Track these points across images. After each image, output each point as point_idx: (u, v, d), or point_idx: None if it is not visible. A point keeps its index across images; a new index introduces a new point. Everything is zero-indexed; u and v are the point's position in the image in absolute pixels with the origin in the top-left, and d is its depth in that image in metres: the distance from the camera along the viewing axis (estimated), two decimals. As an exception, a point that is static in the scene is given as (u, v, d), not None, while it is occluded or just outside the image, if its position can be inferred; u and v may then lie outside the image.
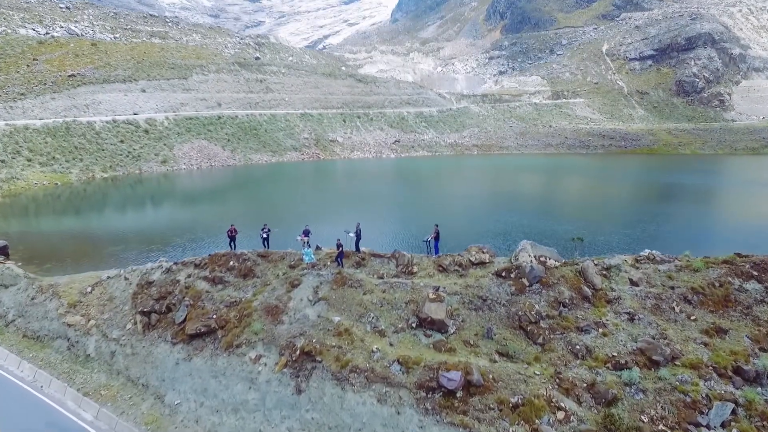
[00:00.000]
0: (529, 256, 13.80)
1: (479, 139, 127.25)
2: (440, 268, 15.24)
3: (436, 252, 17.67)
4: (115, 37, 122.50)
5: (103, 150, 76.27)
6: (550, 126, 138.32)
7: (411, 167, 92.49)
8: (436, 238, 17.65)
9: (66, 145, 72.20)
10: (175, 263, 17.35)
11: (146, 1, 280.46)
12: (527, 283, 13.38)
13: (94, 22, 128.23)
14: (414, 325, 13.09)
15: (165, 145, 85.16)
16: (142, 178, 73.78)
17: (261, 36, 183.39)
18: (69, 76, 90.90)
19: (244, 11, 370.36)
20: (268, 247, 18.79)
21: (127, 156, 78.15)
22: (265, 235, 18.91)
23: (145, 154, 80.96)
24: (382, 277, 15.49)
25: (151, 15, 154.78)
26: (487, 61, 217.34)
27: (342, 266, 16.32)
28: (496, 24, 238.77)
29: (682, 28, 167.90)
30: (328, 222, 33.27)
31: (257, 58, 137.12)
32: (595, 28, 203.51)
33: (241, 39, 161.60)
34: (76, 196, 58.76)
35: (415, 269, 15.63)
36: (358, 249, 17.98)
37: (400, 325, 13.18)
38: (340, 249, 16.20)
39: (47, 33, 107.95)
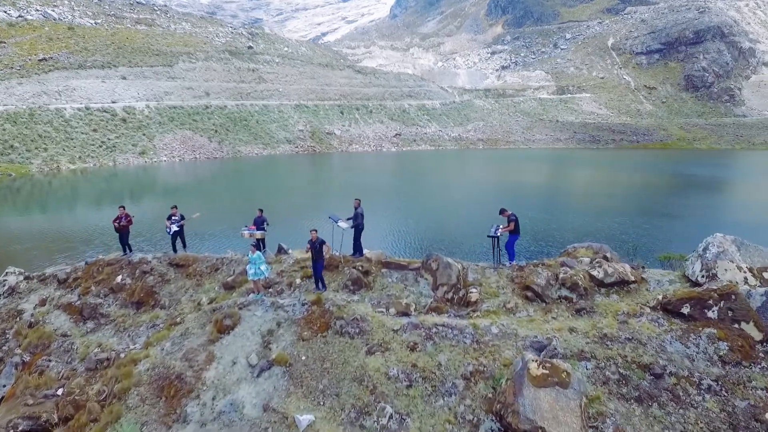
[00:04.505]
0: (739, 268, 6.31)
1: (484, 133, 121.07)
2: (528, 294, 7.51)
3: (512, 257, 9.71)
4: (96, 23, 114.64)
5: (72, 139, 68.80)
6: (557, 121, 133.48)
7: (417, 160, 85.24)
8: (514, 231, 9.64)
9: (28, 132, 64.51)
10: (28, 277, 9.84)
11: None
12: (758, 337, 5.87)
13: (75, 7, 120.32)
14: (493, 439, 5.55)
15: (144, 135, 77.90)
16: (117, 170, 66.08)
17: (255, 26, 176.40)
18: (40, 60, 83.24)
19: (241, 9, 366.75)
20: (184, 246, 11.13)
21: (101, 146, 70.80)
22: (176, 227, 11.12)
23: (122, 144, 73.61)
24: (406, 313, 7.92)
25: (138, 2, 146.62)
26: (489, 56, 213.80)
27: (323, 287, 9.14)
28: (498, 19, 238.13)
29: (690, 22, 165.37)
30: (318, 216, 25.39)
31: (250, 47, 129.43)
32: (600, 22, 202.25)
33: (234, 29, 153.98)
34: (32, 189, 50.90)
35: (475, 295, 7.97)
36: (358, 250, 10.18)
37: (458, 439, 5.67)
38: (318, 248, 8.79)
39: (20, 16, 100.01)
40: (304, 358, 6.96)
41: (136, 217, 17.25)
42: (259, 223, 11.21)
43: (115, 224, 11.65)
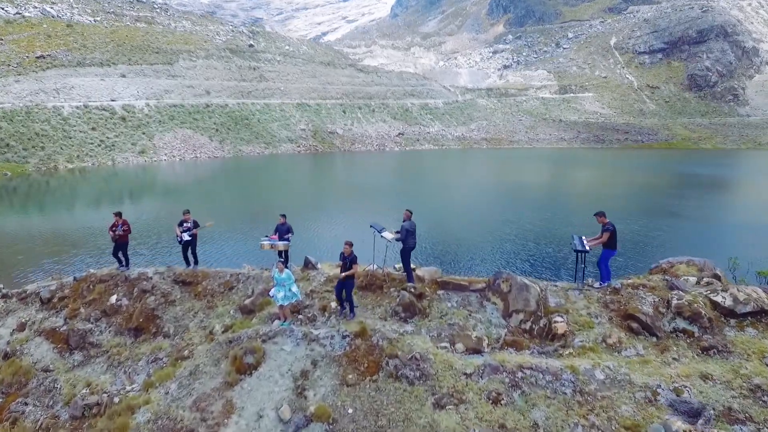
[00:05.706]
0: None
1: (488, 133, 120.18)
2: (633, 325, 5.92)
3: (606, 277, 7.81)
4: (95, 20, 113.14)
5: (70, 138, 67.54)
6: (560, 120, 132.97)
7: (423, 160, 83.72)
8: (609, 245, 7.75)
9: (25, 131, 63.20)
10: (6, 296, 8.42)
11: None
12: None
13: (74, 5, 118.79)
14: None
15: (144, 134, 76.70)
16: (116, 169, 64.80)
17: (256, 25, 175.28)
18: (37, 57, 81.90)
19: (241, 8, 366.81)
20: (196, 262, 9.48)
21: (99, 145, 69.56)
22: (188, 237, 9.54)
23: (121, 143, 72.35)
24: (477, 350, 6.44)
25: (137, 0, 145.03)
26: (490, 55, 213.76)
27: (352, 312, 7.49)
28: (499, 18, 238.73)
29: (693, 21, 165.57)
30: (341, 221, 23.40)
31: (251, 46, 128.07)
32: (602, 22, 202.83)
33: (234, 27, 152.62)
34: (29, 188, 49.52)
35: (561, 325, 6.51)
36: (407, 271, 8.30)
37: None
38: (348, 266, 7.16)
39: (18, 13, 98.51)
40: (351, 411, 5.46)
41: (135, 220, 15.82)
42: (283, 232, 9.46)
43: (112, 233, 9.98)
